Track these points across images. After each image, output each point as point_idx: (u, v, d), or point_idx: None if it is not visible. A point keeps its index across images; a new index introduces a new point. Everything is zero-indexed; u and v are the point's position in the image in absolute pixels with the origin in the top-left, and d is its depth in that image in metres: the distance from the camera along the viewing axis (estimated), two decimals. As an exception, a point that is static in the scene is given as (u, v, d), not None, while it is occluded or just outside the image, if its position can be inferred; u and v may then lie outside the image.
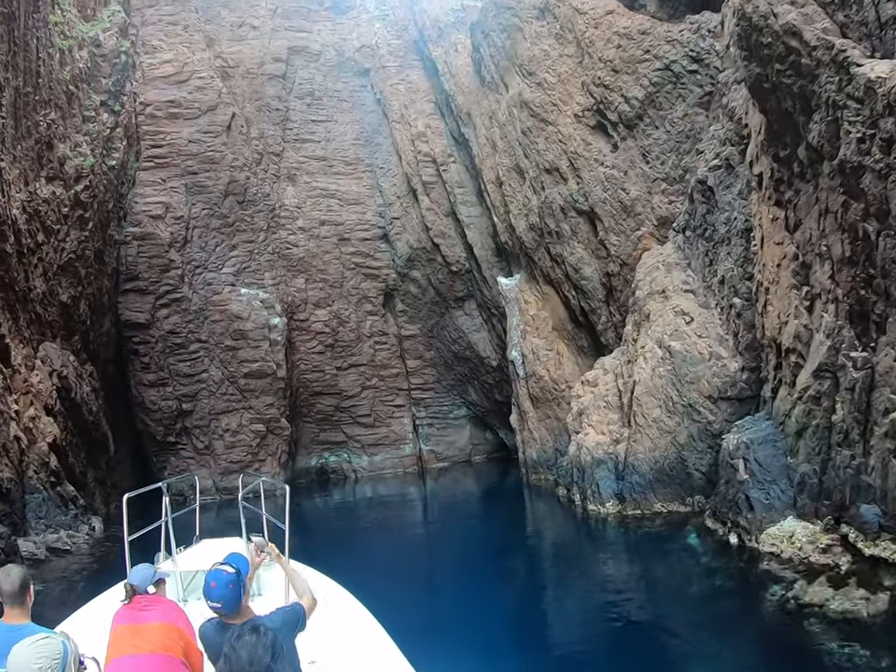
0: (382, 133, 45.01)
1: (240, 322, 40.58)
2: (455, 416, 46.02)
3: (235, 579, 5.09)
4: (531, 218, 35.08)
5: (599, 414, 27.58)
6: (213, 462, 40.31)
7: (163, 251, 39.90)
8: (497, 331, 42.27)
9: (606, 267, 31.82)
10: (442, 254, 42.81)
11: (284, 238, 43.16)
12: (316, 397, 44.21)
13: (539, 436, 34.95)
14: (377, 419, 44.86)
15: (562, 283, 34.42)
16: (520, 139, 35.22)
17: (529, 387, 35.08)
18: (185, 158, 41.03)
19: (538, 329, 35.53)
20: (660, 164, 30.06)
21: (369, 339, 44.73)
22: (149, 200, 40.18)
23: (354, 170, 44.96)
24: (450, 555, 24.74)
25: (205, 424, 40.58)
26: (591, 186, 31.84)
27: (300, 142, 44.39)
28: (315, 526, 34.39)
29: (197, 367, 40.56)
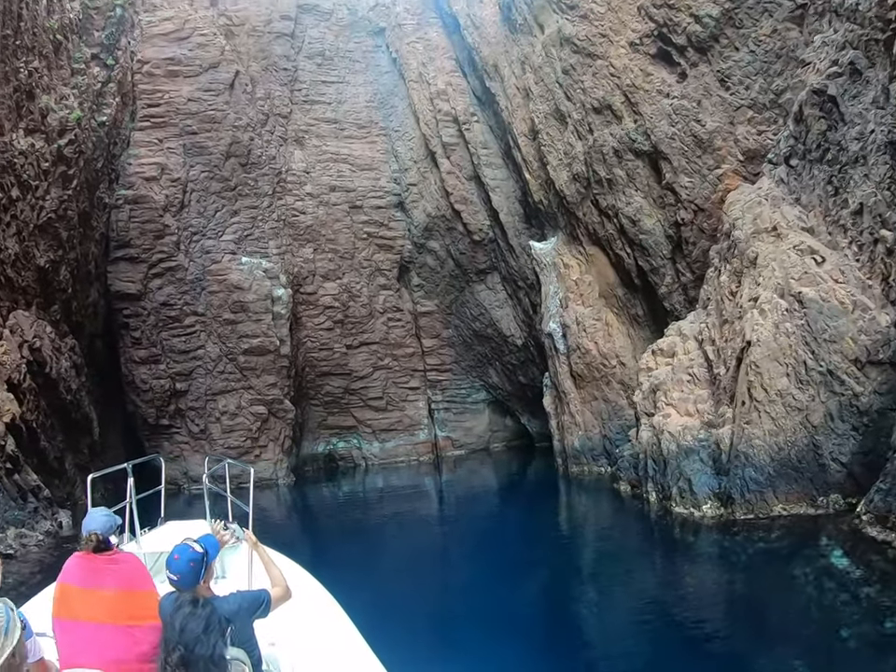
0: (397, 94, 36.79)
1: (240, 293, 32.33)
2: (473, 401, 37.72)
3: (199, 558, 4.60)
4: (575, 168, 27.06)
5: (682, 390, 19.48)
6: (209, 447, 32.09)
7: (157, 216, 31.71)
8: (523, 307, 34.06)
9: (674, 216, 23.89)
10: (464, 222, 34.59)
11: (290, 204, 34.88)
12: (324, 377, 35.90)
13: (582, 421, 26.79)
14: (390, 402, 36.54)
15: (612, 241, 26.35)
16: (560, 80, 27.36)
17: (572, 364, 26.94)
18: (184, 117, 32.86)
19: (582, 296, 27.36)
20: (744, 90, 22.36)
21: (382, 315, 36.44)
22: (144, 161, 31.99)
23: (367, 133, 36.69)
24: (483, 568, 16.53)
25: (201, 405, 32.38)
26: (654, 121, 24.10)
27: (309, 104, 36.14)
28: (322, 520, 27.23)
29: (192, 342, 32.31)
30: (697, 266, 23.58)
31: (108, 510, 5.40)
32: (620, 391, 26.13)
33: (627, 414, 25.81)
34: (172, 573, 4.54)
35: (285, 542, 21.02)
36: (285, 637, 5.90)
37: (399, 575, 16.70)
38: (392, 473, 34.69)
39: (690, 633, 11.20)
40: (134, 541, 9.15)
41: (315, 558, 18.08)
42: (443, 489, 31.48)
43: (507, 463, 35.87)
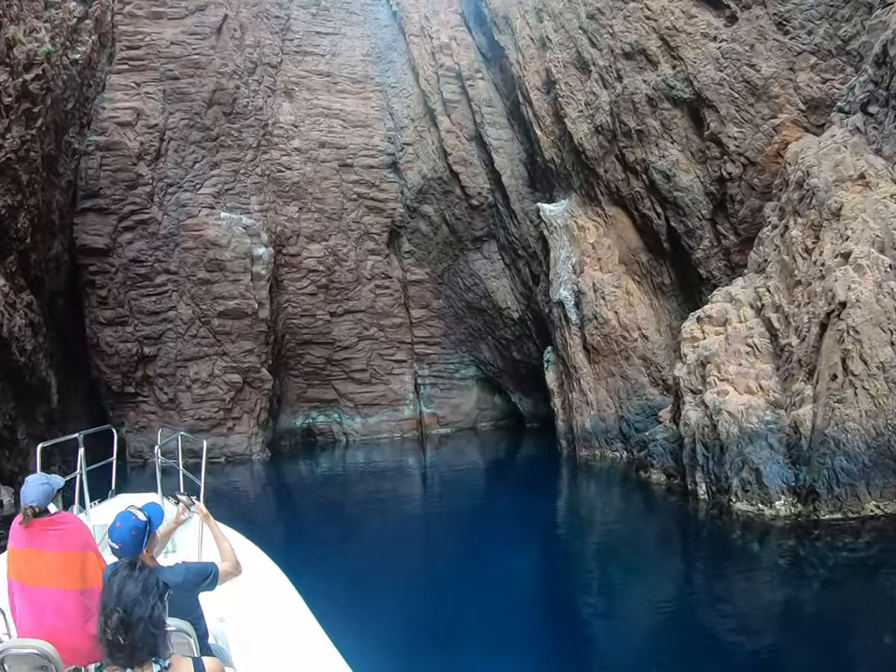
0: (396, 49, 32.58)
1: (217, 250, 28.15)
2: (461, 377, 33.85)
3: (141, 526, 4.24)
4: (598, 119, 23.27)
5: (741, 364, 15.79)
6: (178, 418, 28.03)
7: (131, 164, 27.36)
8: (522, 277, 30.27)
9: (717, 171, 20.21)
10: (462, 184, 30.66)
11: (276, 159, 30.67)
12: (305, 346, 31.81)
13: (595, 399, 23.05)
14: (374, 375, 32.57)
15: (638, 199, 22.66)
16: (585, 26, 23.62)
17: (586, 335, 23.12)
18: (165, 61, 28.41)
19: (600, 260, 23.62)
20: (805, 34, 18.87)
21: (369, 282, 32.42)
22: (119, 105, 27.54)
23: (362, 89, 32.50)
24: (477, 574, 12.62)
25: (170, 372, 28.21)
26: (697, 66, 20.34)
27: (301, 55, 31.85)
28: (297, 499, 23.80)
29: (163, 303, 28.09)
30: (744, 227, 19.96)
31: (46, 476, 4.86)
32: (641, 368, 22.46)
33: (650, 394, 22.18)
34: (114, 542, 4.21)
35: (255, 522, 17.60)
36: (234, 613, 5.58)
37: (372, 564, 13.81)
38: (374, 450, 30.79)
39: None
40: (84, 514, 8.36)
41: (285, 540, 16.17)
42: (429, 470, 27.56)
43: (497, 443, 32.01)
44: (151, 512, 4.42)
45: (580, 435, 23.38)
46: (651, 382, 22.33)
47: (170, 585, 3.78)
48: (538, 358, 30.57)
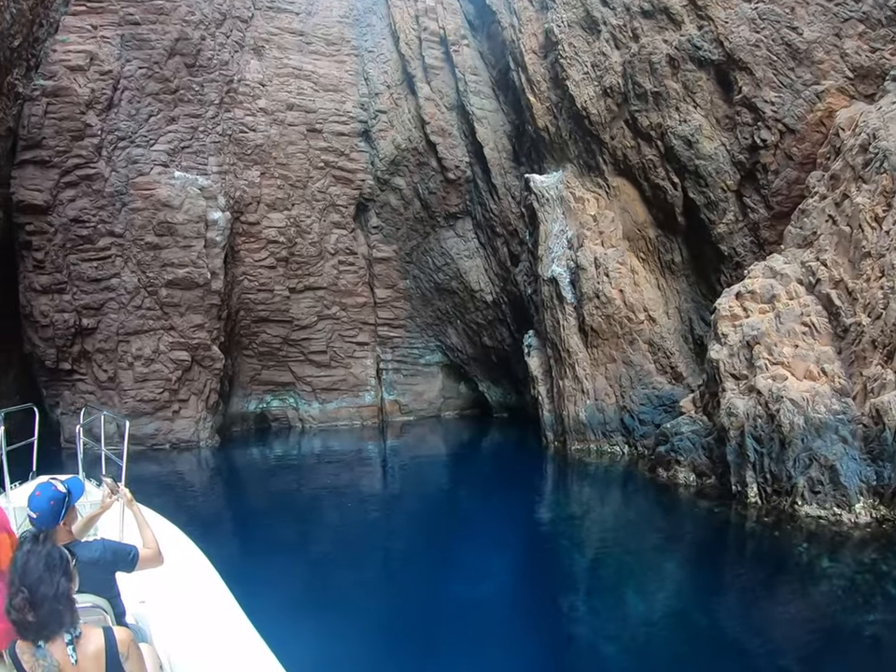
0: (376, 13, 29.36)
1: (168, 212, 24.61)
2: (426, 363, 30.88)
3: (60, 497, 4.09)
4: (608, 80, 20.71)
5: (797, 345, 13.32)
6: (118, 400, 24.43)
7: (79, 113, 23.54)
8: (498, 257, 27.49)
9: (750, 138, 17.79)
10: (439, 156, 27.70)
11: (239, 118, 27.21)
12: (261, 324, 28.42)
13: (592, 388, 20.38)
14: (334, 358, 29.35)
15: (650, 169, 20.12)
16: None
17: (585, 316, 20.40)
18: (126, 4, 24.72)
19: (602, 234, 20.96)
20: (853, 2, 16.64)
21: (332, 257, 29.18)
22: (71, 48, 23.71)
23: (336, 51, 29.20)
24: (461, 592, 9.94)
25: (111, 348, 24.53)
26: (729, 27, 17.96)
27: (274, 10, 28.39)
28: (246, 489, 20.83)
29: (106, 269, 24.37)
30: (778, 200, 17.57)
31: None
32: (647, 353, 19.89)
33: (657, 382, 19.63)
34: (31, 510, 4.05)
35: (199, 515, 15.57)
36: (155, 596, 5.31)
37: (324, 565, 11.73)
38: (331, 437, 27.58)
39: None
40: (3, 495, 8.07)
41: (230, 535, 14.32)
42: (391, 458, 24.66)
43: (466, 433, 29.11)
44: (71, 485, 4.27)
45: (572, 427, 20.68)
46: (658, 369, 19.79)
47: (85, 560, 3.84)
48: (511, 345, 27.92)
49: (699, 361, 19.99)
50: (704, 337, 19.86)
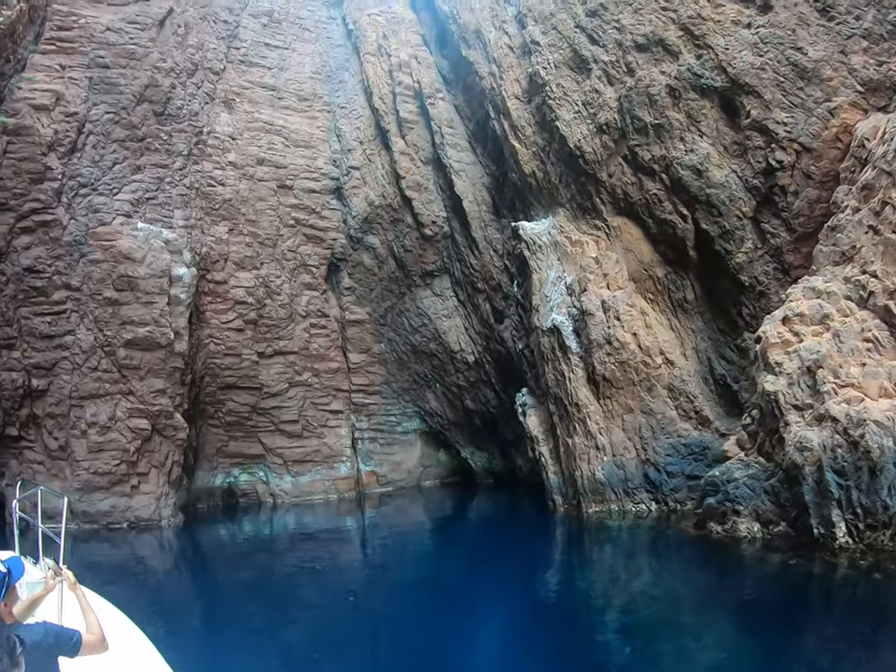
0: (349, 69, 27.86)
1: (130, 265, 21.90)
2: (403, 430, 28.04)
3: (0, 577, 3.92)
4: (602, 117, 19.51)
5: (863, 363, 11.72)
6: (70, 472, 21.16)
7: (40, 154, 21.14)
8: (480, 315, 25.40)
9: (763, 161, 16.75)
10: (415, 212, 25.85)
11: (208, 172, 24.93)
12: (228, 391, 25.35)
13: (609, 442, 18.12)
14: (307, 428, 26.31)
15: (655, 204, 18.68)
16: (583, 23, 20.17)
17: (595, 364, 18.26)
18: (97, 46, 22.71)
19: (606, 276, 19.16)
20: (853, 20, 16.09)
21: (303, 319, 26.55)
22: (37, 87, 21.46)
23: (308, 107, 27.39)
24: None
25: (63, 413, 21.37)
26: (731, 53, 17.19)
27: (247, 64, 26.61)
28: (214, 572, 18.06)
29: (60, 325, 21.46)
30: (800, 221, 16.26)
31: None
32: (667, 399, 17.81)
33: (682, 430, 17.53)
34: None
35: (160, 603, 13.45)
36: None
37: None
38: (305, 513, 24.36)
39: None
40: None
41: (195, 627, 12.05)
42: (372, 534, 21.68)
43: (452, 502, 26.19)
44: (11, 565, 4.05)
45: (587, 487, 18.20)
46: (681, 416, 17.72)
47: (27, 643, 3.70)
48: (497, 407, 25.60)
49: (725, 402, 18.05)
50: (727, 376, 18.02)
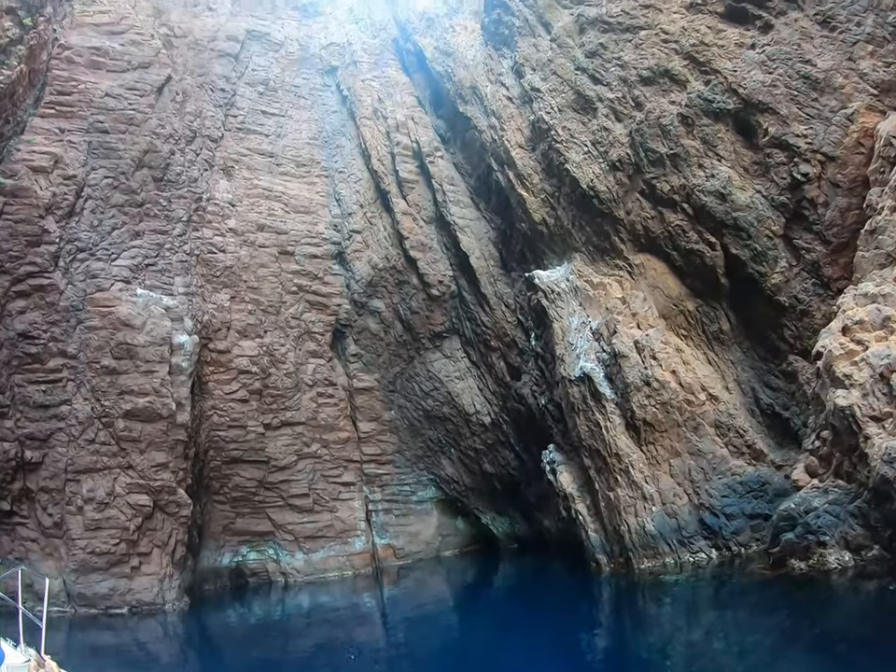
0: (346, 134, 27.34)
1: (129, 332, 20.46)
2: (418, 499, 25.98)
3: None
4: (614, 154, 18.82)
5: None
6: (65, 550, 19.09)
7: (37, 216, 20.13)
8: (495, 374, 23.93)
9: (787, 176, 15.98)
10: (420, 272, 24.75)
11: (208, 238, 23.84)
12: (234, 465, 23.40)
13: (657, 491, 16.44)
14: (318, 502, 24.21)
15: (679, 235, 17.73)
16: (584, 65, 19.85)
17: (634, 409, 16.75)
18: (96, 111, 22.09)
19: (635, 316, 17.92)
20: (855, 27, 15.89)
21: (310, 388, 24.93)
22: (36, 149, 20.65)
23: (307, 172, 26.65)
24: None
25: (58, 487, 19.46)
26: (740, 74, 16.85)
27: (244, 132, 26.02)
28: (222, 659, 16.04)
29: (55, 395, 19.81)
30: (835, 231, 15.40)
31: None
32: (715, 437, 16.24)
33: (735, 467, 15.96)
34: None
35: None
36: None
37: None
38: (320, 591, 22.09)
39: None
40: None
41: None
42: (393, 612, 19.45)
43: (478, 572, 23.87)
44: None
45: (636, 542, 16.37)
46: (732, 452, 16.15)
47: None
48: (517, 468, 23.87)
49: (776, 432, 16.57)
50: (774, 404, 16.59)
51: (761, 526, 14.81)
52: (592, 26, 19.89)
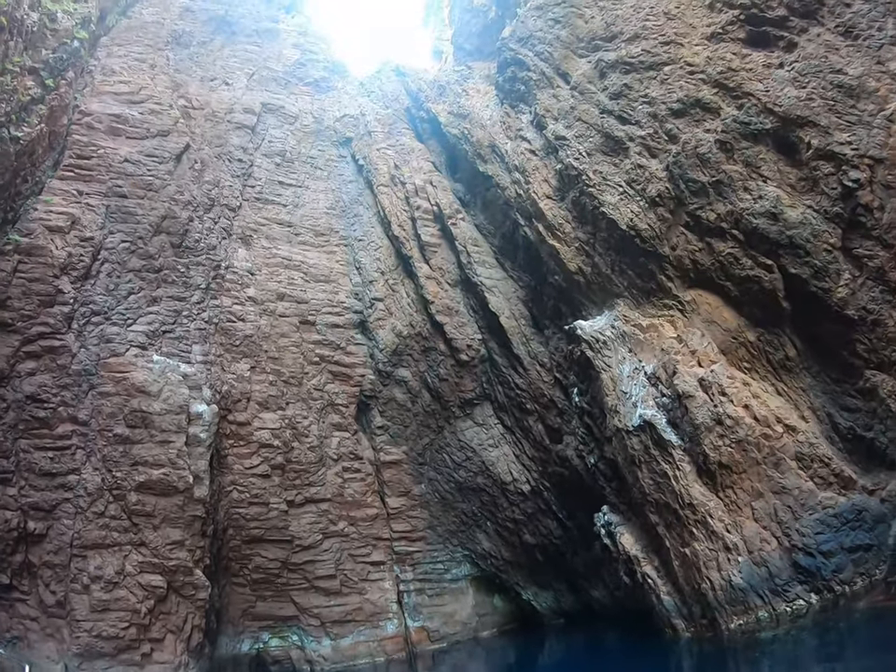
0: (363, 203, 26.55)
1: (144, 399, 18.68)
2: (452, 577, 23.21)
3: None
4: (652, 190, 17.81)
5: None
6: (68, 632, 16.57)
7: (52, 276, 18.80)
8: (533, 437, 21.90)
9: (838, 185, 14.86)
10: (448, 337, 23.18)
11: (227, 307, 22.46)
12: (255, 544, 21.01)
13: (741, 538, 14.30)
14: (345, 583, 21.60)
15: (732, 264, 16.51)
16: (609, 107, 19.25)
17: (707, 452, 14.79)
18: (115, 176, 21.23)
19: (694, 353, 16.20)
20: (877, 32, 15.39)
21: (335, 463, 22.81)
22: (53, 209, 19.66)
23: (326, 242, 25.59)
24: None
25: (63, 562, 17.11)
26: (773, 93, 16.17)
27: (262, 202, 25.21)
28: None
29: (64, 462, 17.82)
30: (894, 234, 13.92)
31: None
32: (799, 471, 14.22)
33: (825, 500, 13.92)
34: None
35: None
36: None
37: None
38: (351, 684, 19.33)
39: None
40: None
41: None
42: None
43: (526, 652, 20.64)
44: None
45: (722, 599, 14.06)
46: (819, 484, 14.12)
47: None
48: (560, 537, 21.52)
49: (860, 456, 14.61)
50: (855, 427, 14.63)
51: (864, 559, 12.62)
52: (613, 69, 19.31)
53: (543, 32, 21.56)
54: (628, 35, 19.42)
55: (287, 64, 28.79)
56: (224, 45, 27.71)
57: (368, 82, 29.69)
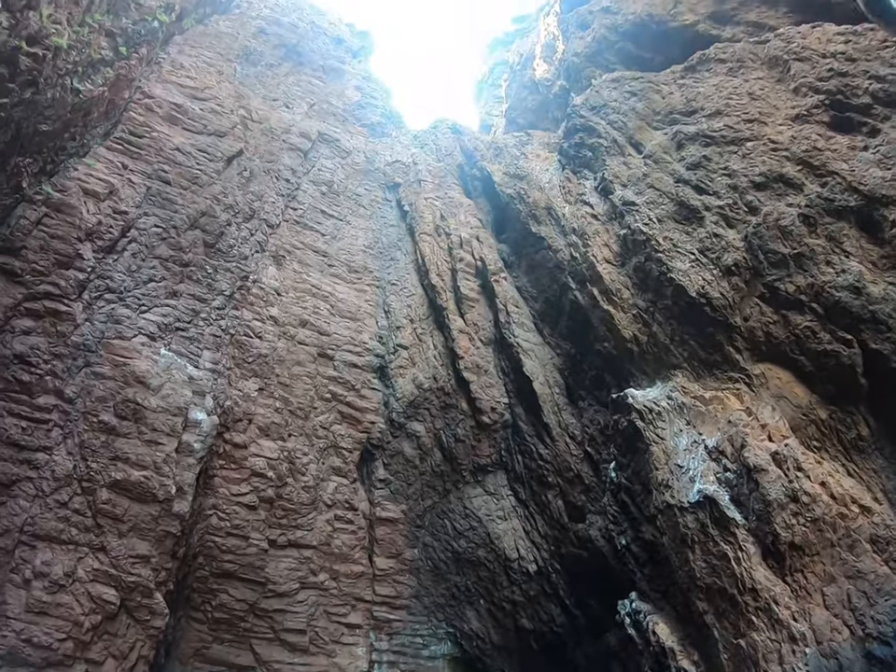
0: (402, 248, 25.10)
1: (141, 391, 16.46)
2: (430, 655, 19.75)
3: None
4: (728, 258, 16.38)
5: None
6: (-5, 632, 13.51)
7: (75, 238, 16.91)
8: (549, 514, 19.33)
9: None
10: (472, 396, 21.02)
11: (247, 321, 20.46)
12: (224, 579, 17.98)
13: (809, 627, 11.62)
14: (315, 641, 18.38)
15: (808, 338, 14.86)
16: (685, 178, 18.18)
17: (776, 532, 12.35)
18: (163, 161, 19.87)
19: (765, 427, 14.16)
20: None
21: (328, 509, 20.09)
22: (94, 173, 18.12)
23: (358, 279, 23.87)
24: None
25: (6, 547, 14.33)
26: (858, 173, 15.40)
27: (301, 226, 23.70)
28: None
29: (37, 437, 15.35)
30: None
31: None
32: (874, 555, 11.91)
33: (903, 583, 11.50)
34: None
35: None
36: None
37: None
38: None
39: None
40: None
41: None
42: None
43: None
44: None
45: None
46: (894, 568, 11.64)
47: None
48: (563, 625, 18.63)
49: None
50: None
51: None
52: (691, 142, 18.33)
53: (618, 102, 20.87)
54: (709, 111, 18.60)
55: (347, 103, 28.58)
56: (290, 72, 27.49)
57: (422, 135, 29.47)
